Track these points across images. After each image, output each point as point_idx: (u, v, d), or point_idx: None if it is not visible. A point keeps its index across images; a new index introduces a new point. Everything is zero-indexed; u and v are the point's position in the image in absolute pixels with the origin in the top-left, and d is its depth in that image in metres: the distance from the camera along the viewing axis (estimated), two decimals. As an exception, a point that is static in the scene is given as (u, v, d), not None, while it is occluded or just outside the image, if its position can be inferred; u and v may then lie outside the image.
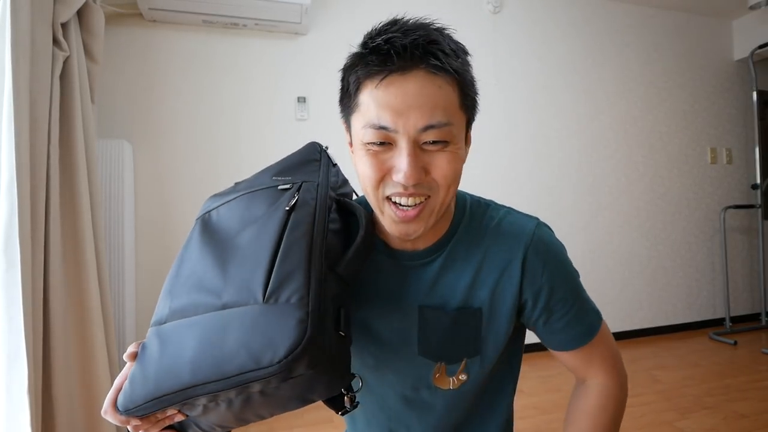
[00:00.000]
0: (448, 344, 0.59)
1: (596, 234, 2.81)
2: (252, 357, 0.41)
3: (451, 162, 0.50)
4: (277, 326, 0.42)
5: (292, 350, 0.40)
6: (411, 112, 0.47)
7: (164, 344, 0.46)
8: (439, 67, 0.47)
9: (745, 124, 3.22)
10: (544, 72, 2.74)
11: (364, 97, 0.50)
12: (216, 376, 0.42)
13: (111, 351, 1.54)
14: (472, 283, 0.58)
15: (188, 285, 0.51)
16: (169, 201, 2.12)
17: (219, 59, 2.21)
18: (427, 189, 0.50)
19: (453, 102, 0.49)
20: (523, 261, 0.57)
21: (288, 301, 0.43)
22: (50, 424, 1.30)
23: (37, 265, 1.25)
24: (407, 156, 0.48)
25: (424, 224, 0.52)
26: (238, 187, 0.61)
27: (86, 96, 1.54)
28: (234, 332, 0.43)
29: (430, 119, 0.47)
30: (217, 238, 0.54)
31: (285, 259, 0.46)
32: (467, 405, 0.63)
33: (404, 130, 0.47)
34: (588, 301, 0.63)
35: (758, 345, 2.65)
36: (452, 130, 0.49)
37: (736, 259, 3.14)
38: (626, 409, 0.65)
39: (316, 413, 1.85)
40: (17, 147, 1.15)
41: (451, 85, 0.49)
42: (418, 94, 0.47)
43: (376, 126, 0.48)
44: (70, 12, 1.42)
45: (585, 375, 0.65)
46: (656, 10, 3.01)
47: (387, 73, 0.48)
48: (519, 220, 0.60)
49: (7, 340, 1.13)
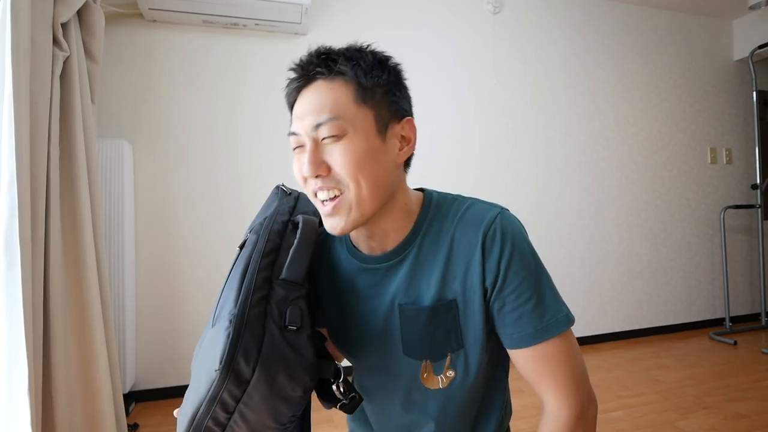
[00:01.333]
0: (430, 340, 0.60)
1: (596, 234, 2.81)
2: (207, 375, 0.49)
3: (346, 152, 0.54)
4: (214, 342, 0.50)
5: (222, 355, 0.48)
6: (306, 115, 0.56)
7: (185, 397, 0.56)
8: (327, 73, 0.56)
9: (745, 124, 3.22)
10: (544, 72, 2.74)
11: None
12: (200, 401, 0.50)
13: (111, 351, 1.54)
14: (444, 276, 0.59)
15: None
16: (169, 201, 2.12)
17: (219, 59, 2.21)
18: (334, 183, 0.56)
19: (344, 99, 0.55)
20: (482, 246, 0.57)
21: (221, 319, 0.51)
22: (50, 424, 1.30)
23: (37, 265, 1.25)
24: (307, 152, 0.55)
25: (345, 217, 0.56)
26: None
27: (86, 96, 1.54)
28: (201, 362, 0.52)
29: (318, 118, 0.55)
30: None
31: (228, 287, 0.55)
32: (460, 405, 0.63)
33: (303, 131, 0.56)
34: (552, 301, 0.58)
35: (758, 345, 2.65)
36: (343, 123, 0.54)
37: (736, 259, 3.14)
38: (626, 409, 0.63)
39: (317, 413, 1.84)
40: (17, 147, 1.15)
41: (342, 86, 0.56)
42: (312, 99, 0.56)
43: (290, 133, 0.58)
44: (70, 12, 1.42)
45: (539, 392, 0.59)
46: (656, 10, 3.01)
47: (298, 90, 0.58)
48: (481, 209, 0.61)
49: (7, 340, 1.13)
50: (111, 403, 1.47)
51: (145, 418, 1.86)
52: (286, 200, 0.66)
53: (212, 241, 2.14)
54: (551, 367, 0.57)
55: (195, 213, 2.14)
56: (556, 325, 0.57)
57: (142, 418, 1.84)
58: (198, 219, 2.15)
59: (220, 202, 2.18)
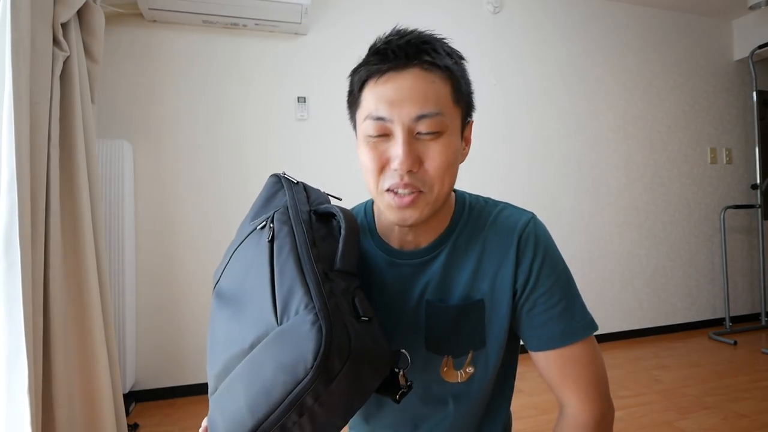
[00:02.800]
0: (454, 337, 0.61)
1: (596, 234, 2.81)
2: (289, 375, 0.43)
3: (444, 152, 0.53)
4: (297, 337, 0.44)
5: (317, 352, 0.42)
6: (405, 103, 0.52)
7: (222, 407, 0.50)
8: (431, 63, 0.52)
9: (745, 124, 3.23)
10: (544, 72, 2.74)
11: (366, 94, 0.55)
12: (271, 407, 0.43)
13: (111, 351, 1.54)
14: (473, 276, 0.60)
15: (220, 349, 0.54)
16: (169, 201, 2.12)
17: (219, 59, 2.21)
18: (420, 183, 0.53)
19: (445, 96, 0.53)
20: (516, 250, 0.59)
21: (297, 312, 0.46)
22: (50, 424, 1.30)
23: (37, 265, 1.25)
24: (402, 143, 0.52)
25: (419, 212, 0.55)
26: (229, 251, 0.64)
27: (86, 96, 1.54)
28: (267, 362, 0.45)
29: (422, 109, 0.51)
30: (228, 299, 0.58)
31: (281, 280, 0.49)
32: (474, 401, 0.64)
33: (399, 119, 0.52)
34: (580, 306, 0.60)
35: (758, 345, 2.65)
36: (444, 120, 0.53)
37: (736, 259, 3.14)
38: (626, 409, 0.64)
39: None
40: (17, 147, 1.15)
41: (443, 81, 0.53)
42: (412, 87, 0.52)
43: (374, 117, 0.53)
44: (70, 12, 1.42)
45: (560, 394, 0.60)
46: (656, 10, 3.01)
47: (385, 71, 0.53)
48: (515, 214, 0.62)
49: (7, 340, 1.13)
50: (111, 403, 1.47)
51: (145, 418, 1.86)
52: (297, 189, 0.63)
53: (212, 241, 2.14)
54: (575, 370, 0.58)
55: (195, 213, 2.14)
56: (583, 329, 0.58)
57: (142, 418, 1.84)
58: (198, 219, 2.15)
59: (221, 201, 2.18)
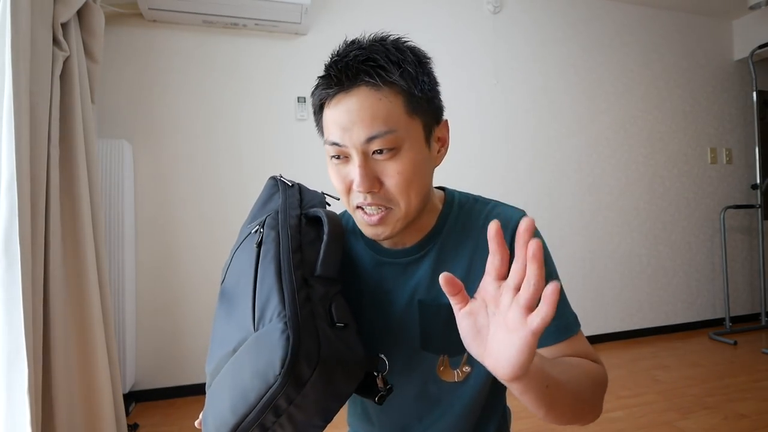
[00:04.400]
0: (449, 337, 0.60)
1: (596, 234, 2.81)
2: (262, 380, 0.45)
3: (402, 169, 0.53)
4: (268, 345, 0.46)
5: (284, 360, 0.44)
6: (354, 126, 0.52)
7: (212, 404, 0.53)
8: (374, 83, 0.51)
9: (745, 124, 3.22)
10: (544, 72, 2.74)
11: (324, 115, 0.56)
12: (248, 408, 0.46)
13: (111, 351, 1.54)
14: (467, 275, 0.60)
15: (215, 347, 0.57)
16: (169, 201, 2.12)
17: (219, 59, 2.21)
18: (384, 201, 0.54)
19: (396, 110, 0.52)
20: (509, 245, 0.58)
21: (271, 320, 0.48)
22: (50, 424, 1.30)
23: (37, 265, 1.25)
24: (358, 167, 0.53)
25: (390, 228, 0.56)
26: (232, 249, 0.66)
27: (86, 96, 1.54)
28: (246, 367, 0.48)
29: (371, 131, 0.51)
30: (225, 298, 0.60)
31: (262, 286, 0.51)
32: (471, 400, 0.63)
33: (351, 143, 0.52)
34: (568, 304, 0.60)
35: (758, 345, 2.65)
36: (398, 136, 0.52)
37: (736, 259, 3.14)
38: (626, 409, 0.63)
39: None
40: (17, 147, 1.15)
41: (393, 96, 0.52)
42: (360, 108, 0.52)
43: (330, 142, 0.54)
44: (70, 12, 1.42)
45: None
46: (656, 10, 3.01)
47: (334, 93, 0.53)
48: (507, 211, 0.62)
49: (7, 340, 1.13)
50: (111, 403, 1.47)
51: (145, 418, 1.86)
52: (291, 192, 0.64)
53: (212, 241, 2.14)
54: (580, 349, 0.58)
55: (195, 213, 2.14)
56: (576, 323, 0.59)
57: (142, 418, 1.84)
58: (198, 219, 2.15)
59: (220, 201, 2.18)
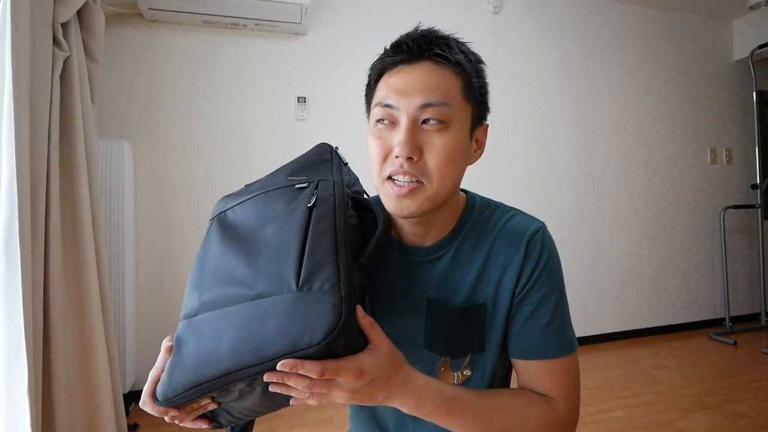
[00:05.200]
0: (454, 338, 0.61)
1: (596, 234, 2.81)
2: (291, 340, 0.44)
3: (446, 145, 0.53)
4: (314, 311, 0.45)
5: (330, 332, 0.43)
6: (413, 92, 0.53)
7: (199, 335, 0.49)
8: (443, 57, 0.54)
9: (745, 124, 3.22)
10: (544, 72, 2.74)
11: (380, 85, 0.58)
12: (257, 360, 0.44)
13: (111, 351, 1.54)
14: (478, 280, 0.60)
15: (216, 279, 0.53)
16: (169, 201, 2.12)
17: (219, 59, 2.21)
18: (419, 172, 0.54)
19: (455, 89, 0.55)
20: (524, 254, 0.59)
21: (321, 288, 0.47)
22: (50, 424, 1.30)
23: (37, 265, 1.25)
24: (404, 130, 0.53)
25: (417, 203, 0.55)
26: (252, 188, 0.63)
27: (86, 96, 1.54)
28: (271, 319, 0.46)
29: (428, 98, 0.53)
30: (238, 235, 0.56)
31: (313, 250, 0.50)
32: None
33: (405, 108, 0.53)
34: (570, 324, 0.61)
35: (758, 345, 2.65)
36: (451, 111, 0.54)
37: (736, 259, 3.14)
38: (626, 409, 0.63)
39: (317, 413, 1.85)
40: (17, 147, 1.15)
41: (454, 75, 0.55)
42: (422, 78, 0.54)
43: (382, 104, 0.55)
44: (70, 12, 1.42)
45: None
46: (656, 10, 3.01)
47: (398, 62, 0.55)
48: (526, 220, 0.62)
49: (7, 340, 1.13)
50: (111, 403, 1.47)
51: (145, 418, 1.86)
52: (345, 170, 0.62)
53: (212, 241, 2.14)
54: (560, 377, 0.58)
55: (195, 213, 2.14)
56: (571, 346, 0.59)
57: (142, 418, 1.84)
58: (198, 219, 2.15)
59: (220, 202, 2.17)
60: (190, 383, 0.46)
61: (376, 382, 0.47)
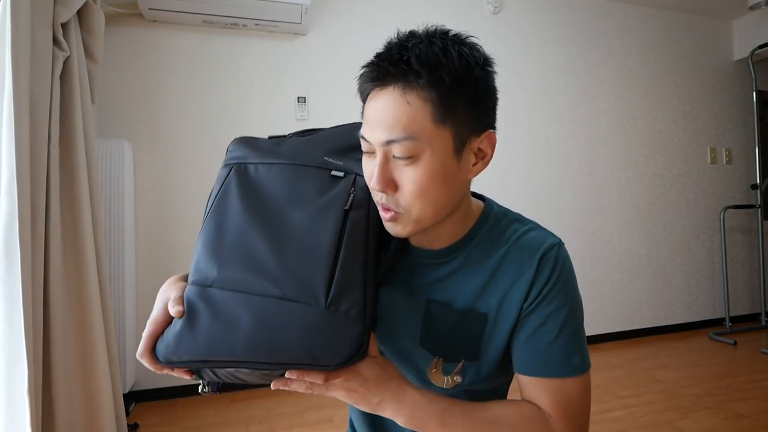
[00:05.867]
0: (449, 342, 0.60)
1: (596, 234, 2.81)
2: (309, 354, 0.46)
3: (416, 178, 0.51)
4: (338, 335, 0.47)
5: (348, 358, 0.47)
6: (378, 126, 0.51)
7: (216, 312, 0.48)
8: (406, 82, 0.49)
9: (745, 124, 3.22)
10: (544, 72, 2.74)
11: (364, 108, 0.55)
12: (270, 360, 0.46)
13: (111, 351, 1.54)
14: (483, 289, 0.59)
15: (239, 255, 0.52)
16: (169, 201, 2.12)
17: (219, 59, 2.21)
18: (395, 205, 0.53)
19: (423, 118, 0.49)
20: (536, 269, 0.57)
21: (347, 312, 0.48)
22: (50, 424, 1.30)
23: (37, 265, 1.25)
24: (377, 165, 0.51)
25: (401, 228, 0.54)
26: (281, 150, 0.60)
27: (86, 96, 1.54)
28: (295, 329, 0.47)
29: (390, 134, 0.50)
30: (263, 204, 0.55)
31: (345, 268, 0.50)
32: None
33: (374, 142, 0.52)
34: (580, 346, 0.57)
35: (758, 345, 2.65)
36: (417, 145, 0.50)
37: (736, 259, 3.14)
38: (626, 409, 0.63)
39: (317, 413, 1.85)
40: (17, 147, 1.15)
41: (420, 101, 0.49)
42: (385, 109, 0.50)
43: (360, 136, 0.54)
44: (70, 12, 1.42)
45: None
46: (656, 10, 3.01)
47: (371, 89, 0.52)
48: (542, 235, 0.60)
49: (7, 340, 1.13)
50: (111, 403, 1.47)
51: (145, 418, 1.86)
52: None
53: (212, 241, 2.14)
54: (565, 397, 0.56)
55: (195, 213, 2.14)
56: (580, 367, 0.56)
57: (142, 418, 1.84)
58: (198, 219, 2.15)
59: (220, 202, 2.17)
60: (197, 356, 0.47)
61: (369, 384, 0.51)
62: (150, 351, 0.50)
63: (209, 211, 0.57)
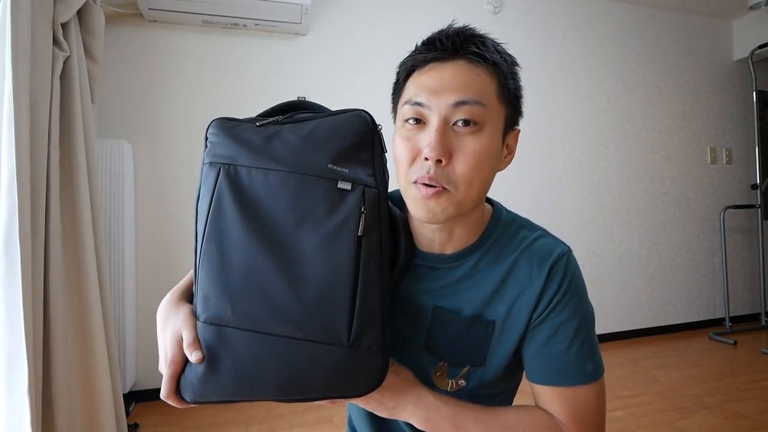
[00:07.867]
0: (455, 348, 0.60)
1: (596, 234, 2.81)
2: (334, 390, 0.49)
3: (477, 148, 0.51)
4: (362, 371, 0.49)
5: (372, 389, 0.50)
6: (445, 91, 0.51)
7: (237, 355, 0.47)
8: (477, 55, 0.51)
9: (745, 124, 3.22)
10: (544, 72, 2.74)
11: (409, 83, 0.55)
12: (299, 396, 0.49)
13: (111, 351, 1.54)
14: (492, 296, 0.59)
15: (251, 290, 0.48)
16: (169, 201, 2.12)
17: (219, 59, 2.21)
18: (445, 179, 0.51)
19: (490, 89, 0.52)
20: (546, 278, 0.57)
21: (369, 348, 0.49)
22: (50, 424, 1.30)
23: (37, 265, 1.25)
24: (435, 131, 0.50)
25: (441, 208, 0.52)
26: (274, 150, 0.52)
27: (86, 96, 1.54)
28: (321, 369, 0.48)
29: (462, 95, 0.50)
30: (267, 227, 0.49)
31: (364, 303, 0.49)
32: None
33: (436, 107, 0.51)
34: (593, 353, 0.57)
35: (758, 345, 2.65)
36: (485, 112, 0.51)
37: (736, 259, 3.14)
38: (626, 409, 0.63)
39: (317, 413, 1.85)
40: (17, 147, 1.15)
41: (488, 75, 0.52)
42: (455, 77, 0.51)
43: (411, 102, 0.53)
44: (70, 12, 1.42)
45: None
46: (656, 10, 3.01)
47: (430, 60, 0.53)
48: (551, 242, 0.60)
49: (7, 340, 1.13)
50: (111, 403, 1.47)
51: (145, 418, 1.86)
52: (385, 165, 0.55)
53: (212, 241, 2.14)
54: (578, 405, 0.56)
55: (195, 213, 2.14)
56: (594, 375, 0.56)
57: (142, 418, 1.84)
58: (198, 219, 2.15)
59: (220, 202, 2.17)
60: (225, 397, 0.48)
61: (385, 390, 0.53)
62: (174, 392, 0.49)
63: (205, 229, 0.51)
